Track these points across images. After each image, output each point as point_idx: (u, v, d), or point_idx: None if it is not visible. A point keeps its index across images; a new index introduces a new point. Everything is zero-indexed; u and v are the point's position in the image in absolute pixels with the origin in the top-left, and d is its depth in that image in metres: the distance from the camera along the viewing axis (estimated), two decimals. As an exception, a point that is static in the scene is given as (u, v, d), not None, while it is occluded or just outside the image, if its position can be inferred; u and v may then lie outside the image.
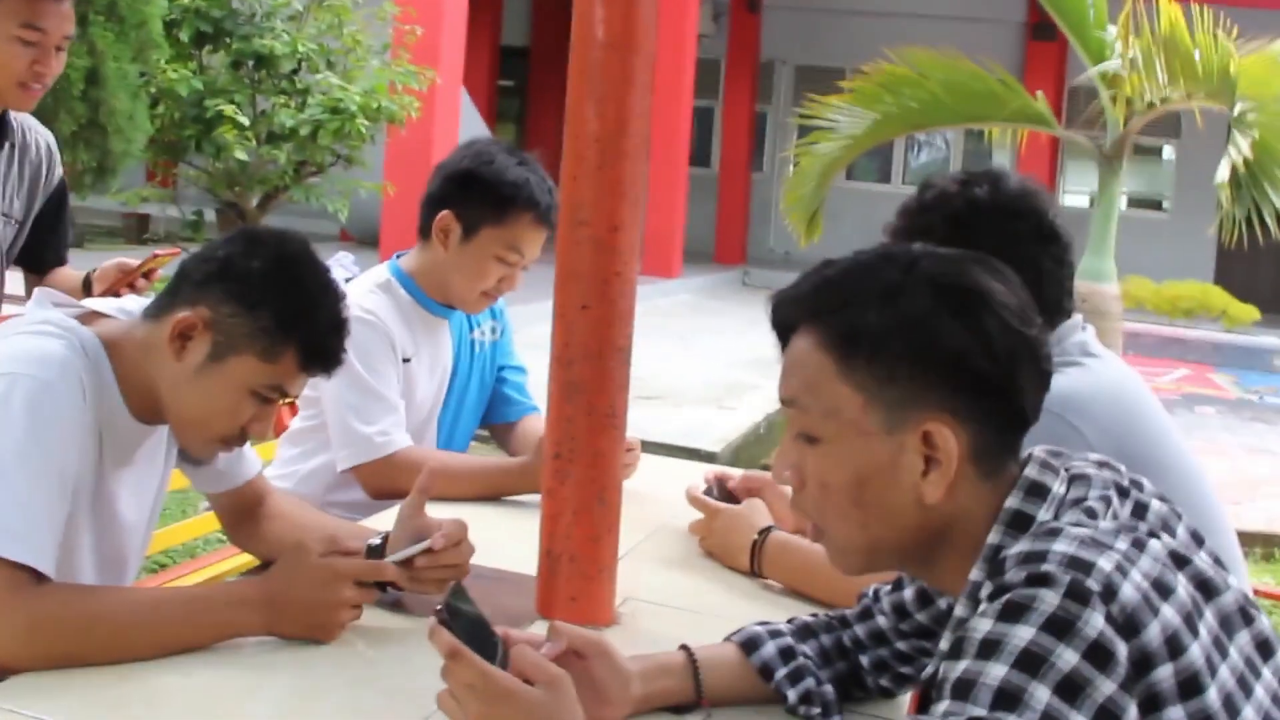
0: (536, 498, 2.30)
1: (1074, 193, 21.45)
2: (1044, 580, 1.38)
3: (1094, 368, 2.32)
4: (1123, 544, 1.43)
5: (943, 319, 1.52)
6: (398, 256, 3.25)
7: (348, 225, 14.46)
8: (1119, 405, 2.28)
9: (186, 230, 10.67)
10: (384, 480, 2.97)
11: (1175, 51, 6.97)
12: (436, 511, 2.24)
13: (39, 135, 3.28)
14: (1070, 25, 7.91)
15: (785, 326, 1.65)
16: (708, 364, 11.62)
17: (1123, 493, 1.57)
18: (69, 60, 7.39)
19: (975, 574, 1.54)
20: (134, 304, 2.27)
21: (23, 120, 3.21)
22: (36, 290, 2.22)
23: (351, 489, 3.10)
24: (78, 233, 15.08)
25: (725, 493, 2.77)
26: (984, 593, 1.46)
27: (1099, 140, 8.20)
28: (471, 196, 3.05)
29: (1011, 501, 1.55)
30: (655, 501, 2.92)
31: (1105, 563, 1.39)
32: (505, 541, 2.42)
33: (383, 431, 2.98)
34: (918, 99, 7.67)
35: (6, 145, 3.16)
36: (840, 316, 1.56)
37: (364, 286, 3.16)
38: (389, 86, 9.84)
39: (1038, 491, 1.55)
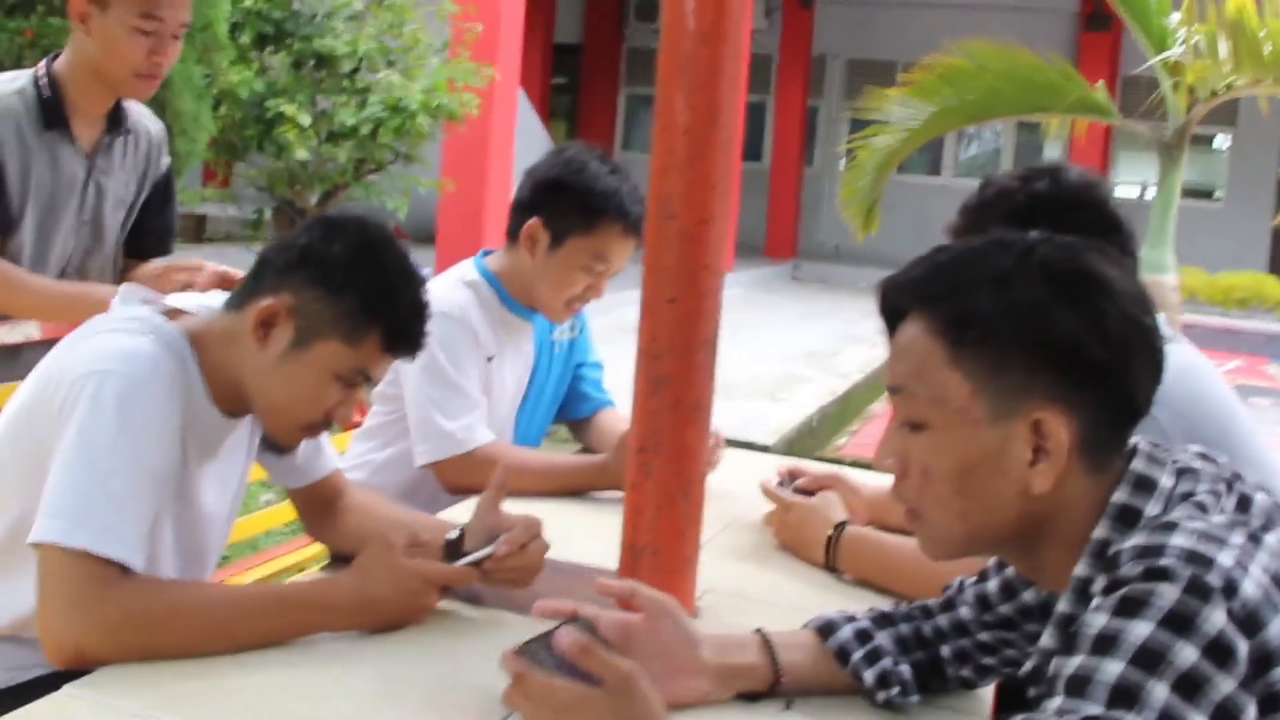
0: (616, 493, 2.30)
1: (1125, 184, 21.30)
2: (1163, 575, 1.35)
3: (1168, 351, 2.32)
4: (1239, 538, 1.41)
5: (1057, 305, 1.50)
6: (484, 254, 3.26)
7: (404, 223, 14.51)
8: (1192, 389, 2.27)
9: (247, 229, 10.72)
10: (463, 476, 2.97)
11: (1241, 36, 6.90)
12: (514, 508, 2.25)
13: (149, 123, 3.33)
14: (1132, 13, 7.86)
15: (894, 312, 1.63)
16: (759, 357, 11.61)
17: (1227, 485, 1.55)
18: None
19: (1081, 569, 1.52)
20: (218, 300, 2.30)
21: (134, 108, 3.25)
22: (123, 287, 2.25)
23: (426, 488, 3.11)
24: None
25: (798, 489, 2.79)
26: (1095, 587, 1.44)
27: (1159, 130, 8.14)
28: (561, 205, 3.05)
29: (1119, 496, 1.53)
30: (728, 494, 2.91)
31: (1225, 558, 1.37)
32: (584, 537, 2.43)
33: (465, 427, 2.99)
34: (976, 91, 7.65)
35: (122, 131, 3.21)
36: (951, 302, 1.55)
37: (449, 282, 3.17)
38: (448, 84, 9.87)
39: (1145, 485, 1.53)
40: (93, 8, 2.99)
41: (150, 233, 3.37)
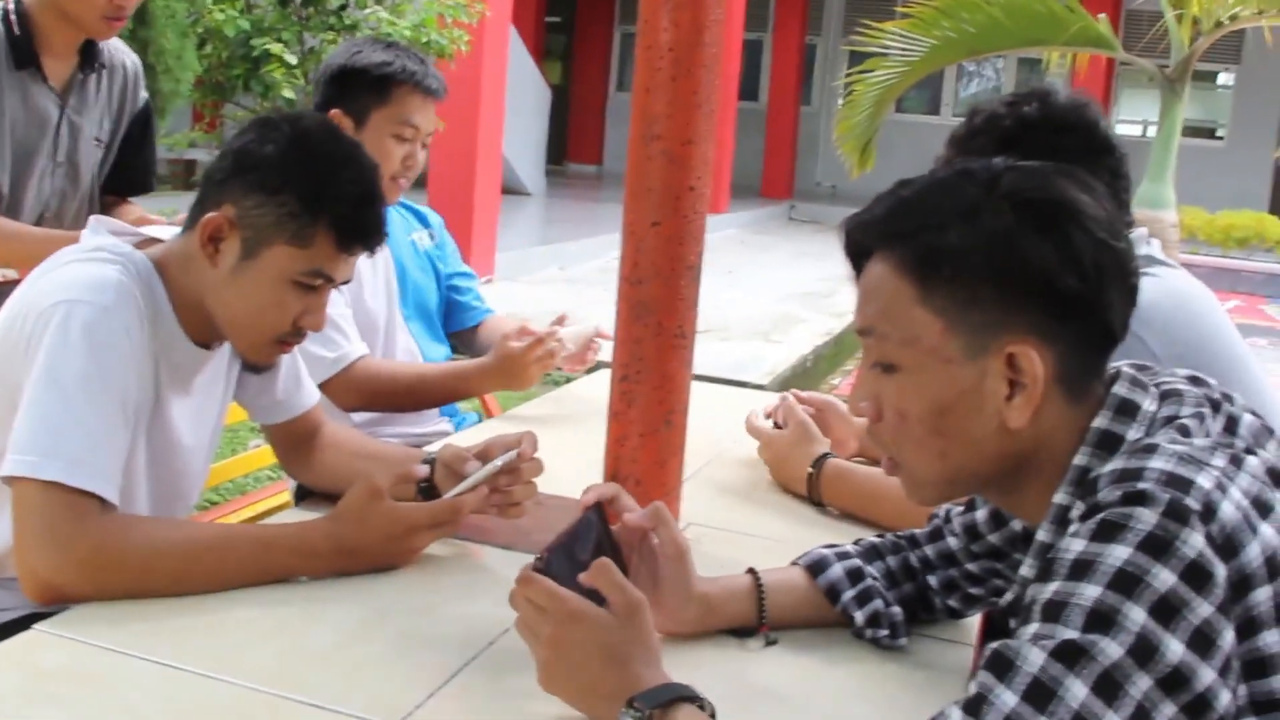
0: (600, 422, 2.24)
1: (1127, 121, 21.26)
2: (1141, 499, 1.32)
3: (1159, 274, 2.29)
4: (1220, 460, 1.38)
5: (1027, 235, 1.44)
6: None
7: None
8: (1184, 313, 2.27)
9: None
10: (350, 394, 2.99)
11: (1248, -37, 6.82)
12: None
13: (125, 57, 3.28)
14: (1135, -57, 7.74)
15: (859, 252, 1.58)
16: (755, 298, 11.62)
17: (1215, 406, 1.51)
18: None
19: (1060, 497, 1.48)
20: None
21: (109, 42, 3.20)
22: (92, 219, 2.18)
23: (390, 424, 3.13)
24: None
25: (800, 400, 2.75)
26: (1074, 513, 1.41)
27: (1161, 65, 8.03)
28: (351, 88, 3.07)
29: (1100, 421, 1.49)
30: (712, 429, 2.89)
31: (1204, 480, 1.33)
32: (564, 466, 2.36)
33: (333, 347, 2.97)
34: (976, 23, 7.54)
35: (96, 67, 3.16)
36: (918, 239, 1.49)
37: None
38: (438, 20, 9.75)
39: (1127, 410, 1.49)
40: None
41: (130, 169, 3.33)
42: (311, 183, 2.02)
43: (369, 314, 3.14)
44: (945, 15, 7.57)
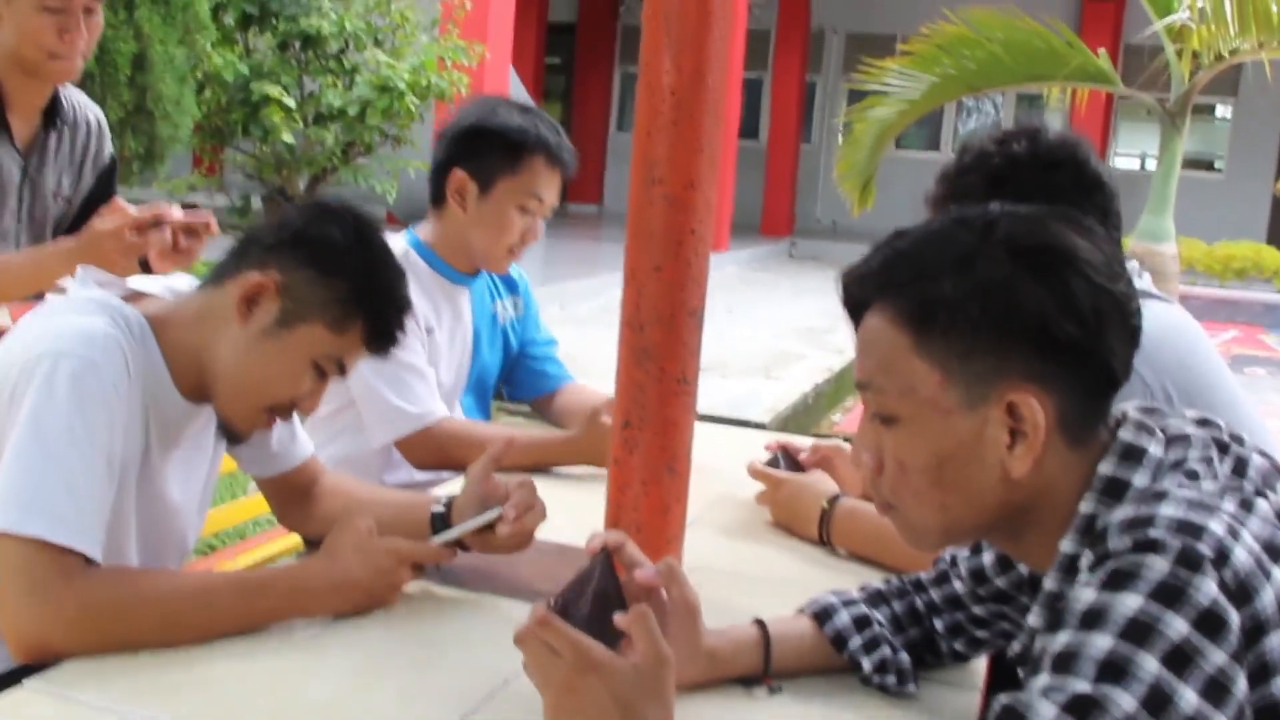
0: (596, 471, 2.21)
1: (1125, 155, 21.29)
2: (1152, 546, 1.31)
3: (1149, 306, 2.26)
4: (1231, 505, 1.37)
5: (1023, 282, 1.43)
6: (413, 227, 3.19)
7: (394, 206, 14.41)
8: (1175, 346, 2.27)
9: (233, 216, 10.63)
10: (427, 452, 2.94)
11: (1249, -1, 6.80)
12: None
13: (89, 111, 3.24)
14: (1136, -23, 7.73)
15: (857, 304, 1.56)
16: (755, 335, 11.61)
17: (1223, 448, 1.49)
18: (115, 46, 7.47)
19: (1067, 545, 1.46)
20: (182, 283, 2.22)
21: (73, 97, 3.17)
22: (79, 269, 2.16)
23: (391, 471, 3.06)
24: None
25: (793, 463, 2.73)
26: (1083, 562, 1.39)
27: (1161, 99, 8.02)
28: (482, 151, 3.00)
29: (1105, 467, 1.46)
30: (715, 471, 2.84)
31: (1216, 526, 1.32)
32: (564, 517, 2.33)
33: (419, 402, 2.93)
34: (976, 59, 7.54)
35: (58, 123, 3.12)
36: (913, 289, 1.47)
37: None
38: (438, 63, 9.77)
39: (1133, 455, 1.47)
40: None
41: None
42: (367, 276, 2.06)
43: (440, 385, 3.09)
44: (945, 52, 7.57)
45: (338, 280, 2.03)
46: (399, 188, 10.36)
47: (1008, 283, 1.42)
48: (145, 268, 2.95)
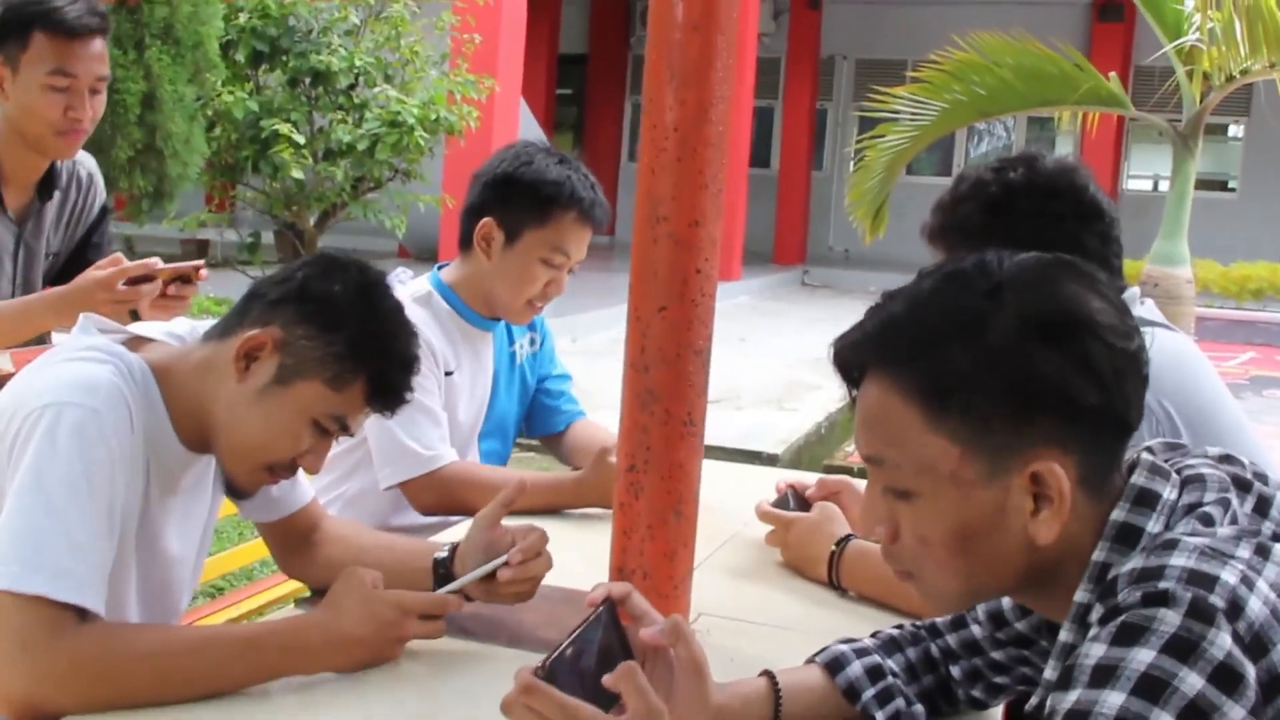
0: (601, 511, 2.18)
1: (1138, 177, 21.25)
2: (1163, 599, 1.27)
3: (1151, 333, 2.24)
4: (1245, 551, 1.33)
5: (1041, 352, 1.37)
6: (439, 268, 3.16)
7: (405, 241, 14.42)
8: (1176, 371, 2.23)
9: (244, 253, 10.64)
10: (433, 496, 2.89)
11: (1259, 18, 6.76)
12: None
13: (81, 167, 3.24)
14: (1146, 1, 7.70)
15: (852, 370, 1.51)
16: (768, 365, 11.58)
17: (1244, 487, 1.45)
18: (125, 86, 7.47)
19: (1081, 595, 1.42)
20: (183, 328, 2.19)
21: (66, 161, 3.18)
22: (81, 316, 2.14)
23: (395, 516, 3.02)
24: (137, 260, 15.12)
25: (802, 503, 2.68)
26: (1094, 616, 1.35)
27: (1172, 119, 7.98)
28: (512, 200, 2.95)
29: (1117, 514, 1.42)
30: (724, 510, 2.80)
31: (1229, 576, 1.28)
32: (570, 558, 2.30)
33: (429, 445, 2.89)
34: (987, 85, 7.50)
35: (51, 195, 3.13)
36: (922, 364, 1.41)
37: (403, 299, 3.03)
38: (448, 97, 9.76)
39: (1146, 500, 1.42)
40: (5, 70, 2.92)
41: (80, 266, 3.24)
42: (367, 333, 2.01)
43: (458, 429, 3.06)
44: (955, 78, 7.53)
45: (336, 337, 1.99)
46: (412, 223, 10.34)
47: (1024, 354, 1.37)
48: (135, 318, 2.94)
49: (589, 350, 11.68)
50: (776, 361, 11.82)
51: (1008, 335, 1.37)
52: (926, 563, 1.47)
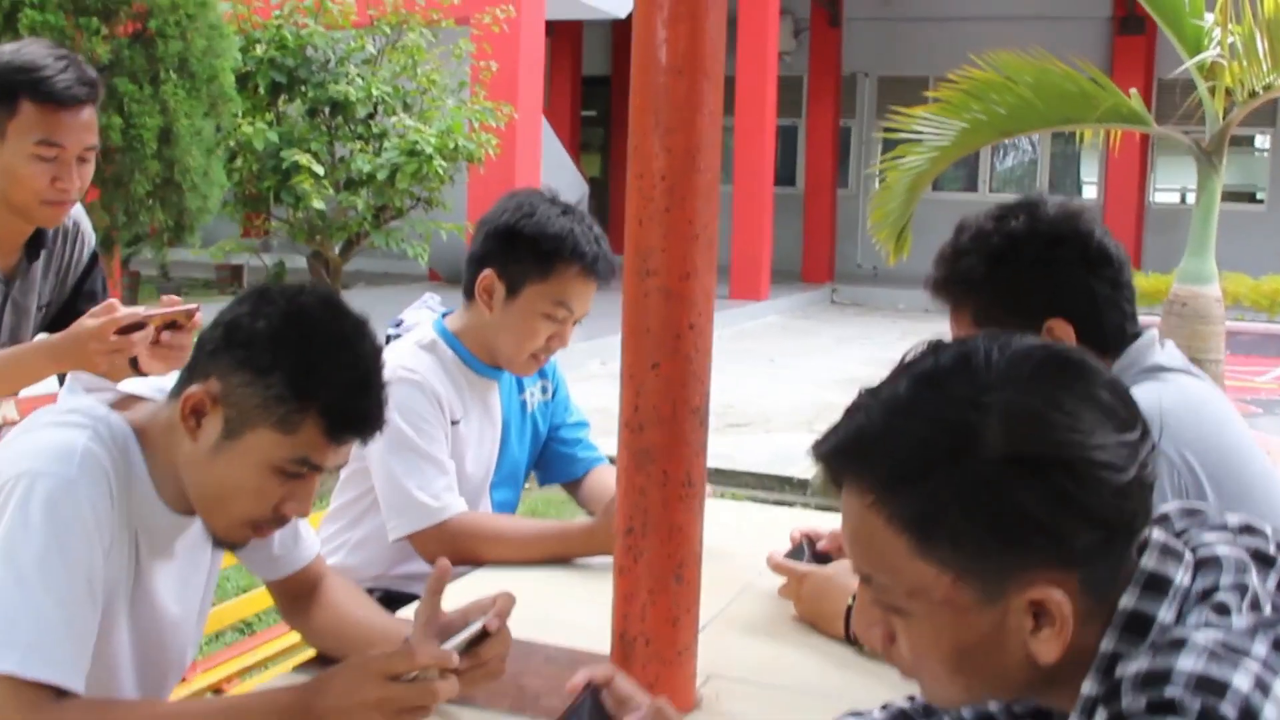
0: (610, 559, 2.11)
1: (1165, 189, 21.09)
2: (1169, 708, 1.18)
3: (1170, 380, 2.20)
4: (1261, 648, 1.22)
5: (1027, 493, 1.27)
6: (443, 315, 3.10)
7: (435, 265, 14.44)
8: (1198, 420, 2.15)
9: (273, 281, 10.66)
10: (441, 547, 2.79)
11: (1280, 34, 6.66)
12: (503, 575, 2.05)
13: (67, 220, 3.18)
14: (1164, 17, 7.60)
15: (836, 478, 1.41)
16: (797, 386, 11.49)
17: (1266, 562, 1.35)
18: (140, 121, 7.47)
19: (1088, 687, 1.32)
20: (173, 384, 2.10)
21: None
22: (69, 376, 2.10)
23: (406, 562, 2.97)
24: (173, 286, 15.21)
25: (817, 553, 2.61)
26: (1099, 718, 1.26)
27: (1195, 135, 7.88)
28: (513, 252, 2.89)
29: (1127, 600, 1.32)
30: (737, 557, 2.74)
31: (1241, 680, 1.19)
32: (576, 608, 2.23)
33: (436, 496, 2.83)
34: (1006, 104, 7.40)
35: (38, 254, 3.09)
36: (904, 492, 1.31)
37: (406, 346, 3.00)
38: (466, 125, 9.76)
39: (1157, 586, 1.32)
40: None
41: (73, 314, 3.17)
42: (303, 366, 1.87)
43: (466, 479, 3.00)
44: (974, 98, 7.44)
45: (272, 377, 1.86)
46: (437, 247, 10.33)
47: (1010, 490, 1.27)
48: (136, 367, 2.90)
49: (618, 373, 11.63)
50: (807, 382, 11.73)
51: (992, 468, 1.27)
52: (924, 673, 1.40)
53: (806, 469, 8.17)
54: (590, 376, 11.74)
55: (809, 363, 13.13)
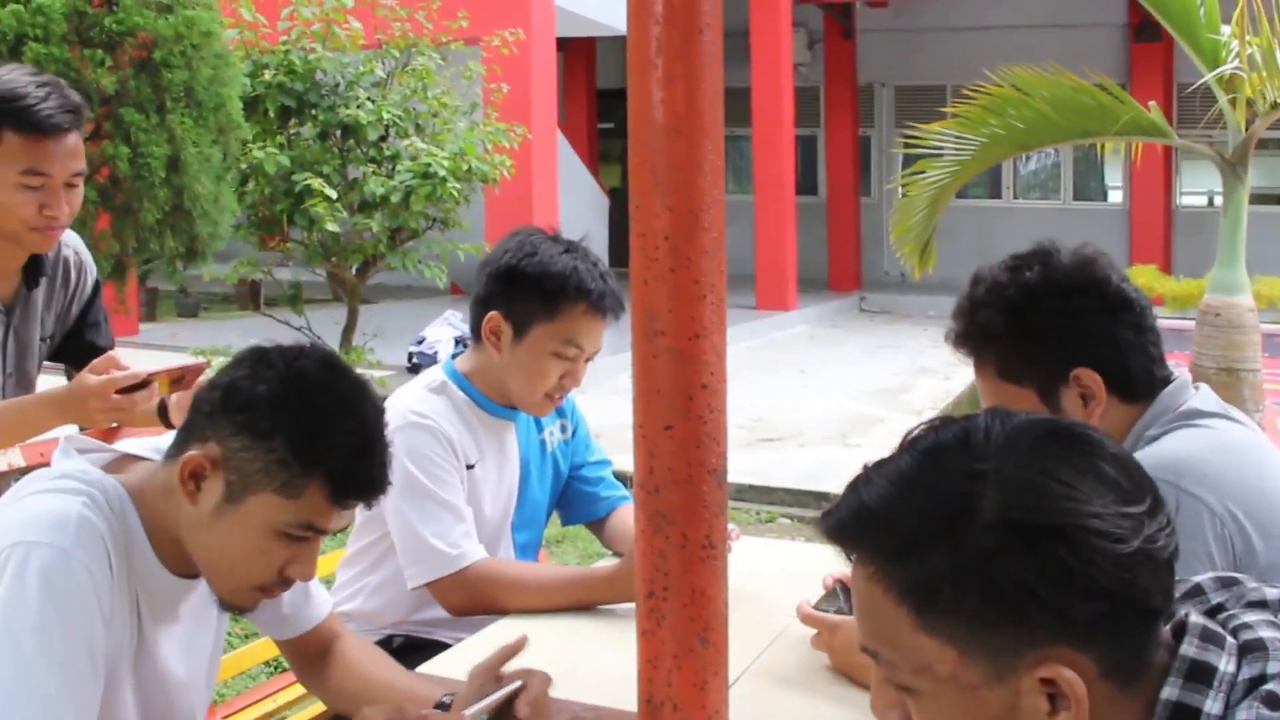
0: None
1: (1191, 194, 20.93)
2: None
3: (1208, 426, 2.15)
4: None
5: (1023, 565, 1.23)
6: (452, 357, 3.07)
7: (459, 279, 14.40)
8: (1241, 467, 2.10)
9: (285, 301, 10.67)
10: (461, 596, 2.78)
11: (1301, 44, 6.57)
12: (526, 625, 2.00)
13: (66, 249, 3.19)
14: (1180, 30, 7.51)
15: (845, 552, 1.39)
16: (829, 398, 11.41)
17: None
18: (148, 150, 7.44)
19: None
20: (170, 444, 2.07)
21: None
22: (62, 439, 2.06)
23: (424, 608, 2.93)
24: (193, 302, 15.20)
25: (851, 597, 2.51)
26: None
27: (1218, 144, 7.79)
28: (517, 293, 2.86)
29: (1169, 692, 1.26)
30: (769, 601, 2.68)
31: None
32: (601, 653, 2.17)
33: (454, 543, 2.79)
34: (1024, 118, 7.32)
35: (37, 281, 3.08)
36: (904, 565, 1.29)
37: (415, 390, 2.97)
38: (479, 147, 9.73)
39: (1201, 675, 1.26)
40: None
41: (89, 345, 3.22)
42: (304, 432, 1.85)
43: (485, 522, 2.96)
44: (992, 113, 7.35)
45: (273, 442, 1.84)
46: (464, 259, 10.28)
47: (1006, 561, 1.24)
48: (164, 413, 2.89)
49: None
50: (838, 393, 11.66)
51: (987, 537, 1.24)
52: None
53: (841, 485, 8.05)
54: (618, 390, 11.70)
55: (839, 372, 13.07)
